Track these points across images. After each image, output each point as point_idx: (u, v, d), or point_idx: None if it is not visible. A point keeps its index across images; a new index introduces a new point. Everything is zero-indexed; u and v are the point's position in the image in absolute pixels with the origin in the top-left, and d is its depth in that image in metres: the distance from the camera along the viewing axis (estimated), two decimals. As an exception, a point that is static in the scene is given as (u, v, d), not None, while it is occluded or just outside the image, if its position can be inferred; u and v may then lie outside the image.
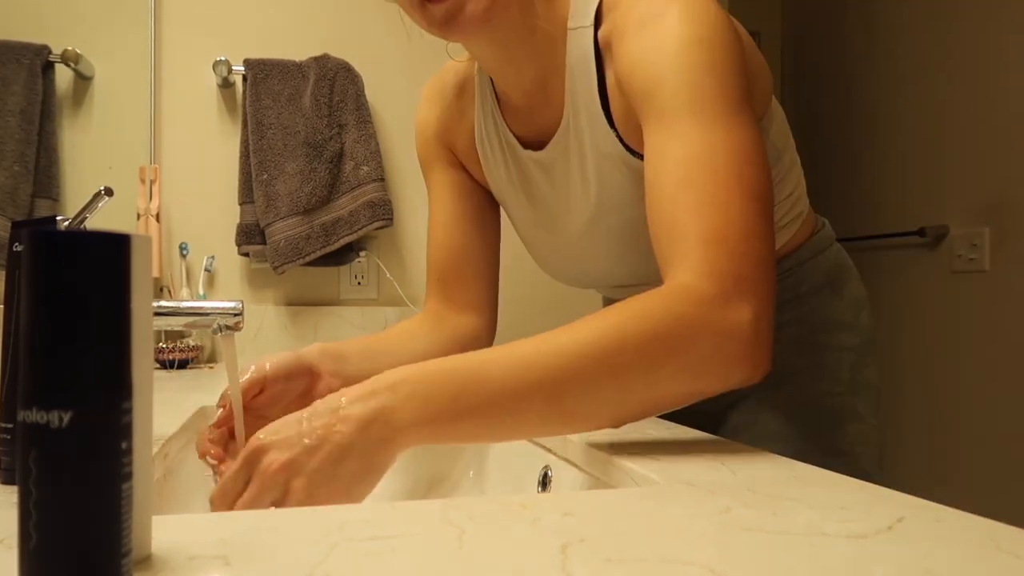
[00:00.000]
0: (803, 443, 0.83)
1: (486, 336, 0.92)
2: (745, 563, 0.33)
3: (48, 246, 0.26)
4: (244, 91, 1.68)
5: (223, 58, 1.66)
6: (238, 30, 1.73)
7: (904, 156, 2.31)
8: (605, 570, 0.32)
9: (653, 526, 0.39)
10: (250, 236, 1.66)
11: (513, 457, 0.82)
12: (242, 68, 1.68)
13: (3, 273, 0.65)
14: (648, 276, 0.85)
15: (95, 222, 1.00)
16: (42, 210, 1.59)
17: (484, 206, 0.93)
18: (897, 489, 0.46)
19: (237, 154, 1.69)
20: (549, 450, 0.70)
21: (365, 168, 1.66)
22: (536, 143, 0.81)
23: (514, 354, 0.54)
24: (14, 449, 0.47)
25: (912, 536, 0.37)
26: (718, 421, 0.89)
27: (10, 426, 0.48)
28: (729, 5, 2.41)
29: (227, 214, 1.69)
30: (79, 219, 1.00)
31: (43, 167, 1.60)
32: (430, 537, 0.37)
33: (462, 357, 0.55)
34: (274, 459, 0.51)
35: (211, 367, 1.53)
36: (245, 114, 1.67)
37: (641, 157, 0.72)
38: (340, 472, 0.51)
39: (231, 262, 1.71)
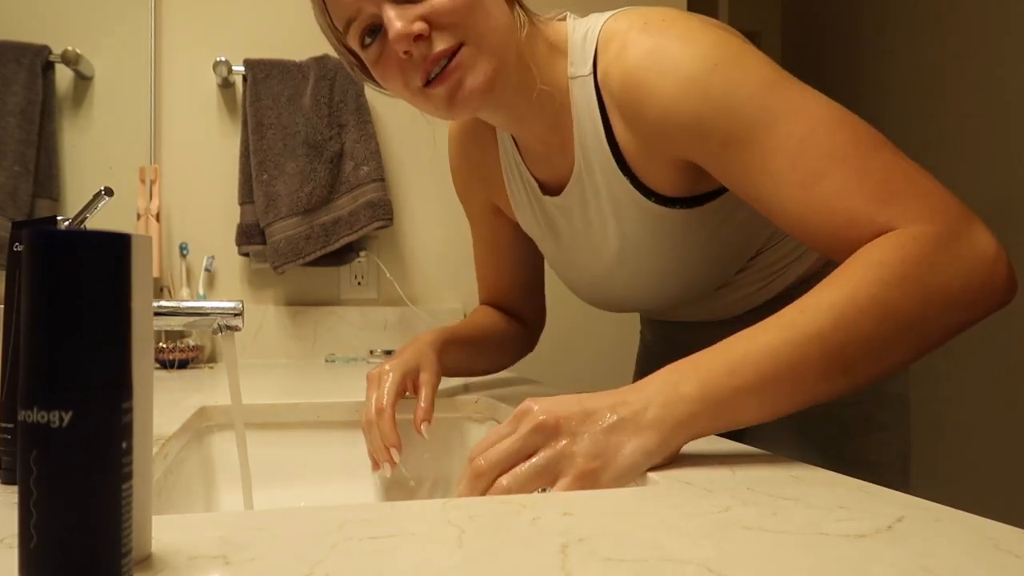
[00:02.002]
0: (819, 450, 0.82)
1: (533, 332, 1.06)
2: (744, 562, 0.33)
3: (48, 246, 0.26)
4: (244, 91, 1.68)
5: (223, 58, 1.66)
6: (238, 30, 1.73)
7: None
8: (605, 570, 0.32)
9: (653, 526, 0.39)
10: (250, 236, 1.66)
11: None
12: (242, 68, 1.68)
13: (3, 273, 0.65)
14: (681, 301, 0.86)
15: (95, 222, 1.00)
16: (42, 210, 1.59)
17: (523, 242, 0.97)
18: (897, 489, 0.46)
19: (237, 154, 1.69)
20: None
21: (365, 168, 1.66)
22: (555, 188, 0.81)
23: (776, 322, 0.53)
24: (14, 449, 0.47)
25: (912, 536, 0.37)
26: None
27: (10, 426, 0.48)
28: (729, 5, 2.41)
29: (227, 214, 1.69)
30: (79, 219, 1.00)
31: (43, 167, 1.60)
32: (430, 537, 0.37)
33: (725, 341, 0.54)
34: (545, 413, 0.50)
35: (211, 367, 1.53)
36: (245, 114, 1.67)
37: (657, 199, 0.72)
38: (613, 443, 0.49)
39: (231, 262, 1.71)
